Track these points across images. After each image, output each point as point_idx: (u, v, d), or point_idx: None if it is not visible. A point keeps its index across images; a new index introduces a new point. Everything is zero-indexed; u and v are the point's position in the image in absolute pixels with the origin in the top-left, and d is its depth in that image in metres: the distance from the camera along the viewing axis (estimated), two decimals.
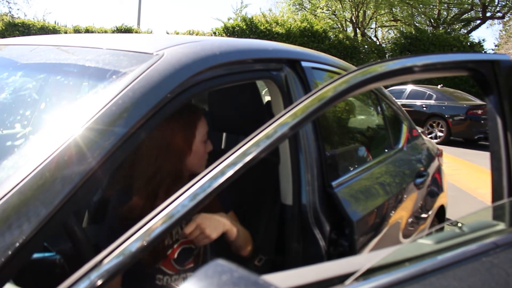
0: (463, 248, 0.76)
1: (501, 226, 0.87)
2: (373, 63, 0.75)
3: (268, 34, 15.92)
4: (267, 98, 2.47)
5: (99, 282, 0.51)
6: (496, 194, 0.95)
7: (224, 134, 2.28)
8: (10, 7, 31.41)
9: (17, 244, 0.66)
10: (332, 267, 0.66)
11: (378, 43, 20.56)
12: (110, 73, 0.94)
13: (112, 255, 0.53)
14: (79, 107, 0.93)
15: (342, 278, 0.62)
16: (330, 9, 20.42)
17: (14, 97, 1.15)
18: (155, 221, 0.56)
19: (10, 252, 0.65)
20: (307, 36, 16.01)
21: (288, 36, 15.67)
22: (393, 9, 20.50)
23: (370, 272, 0.64)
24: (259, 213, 1.48)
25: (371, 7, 19.85)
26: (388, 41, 20.78)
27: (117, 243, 0.54)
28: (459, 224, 0.86)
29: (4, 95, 1.15)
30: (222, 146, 2.26)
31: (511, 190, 0.92)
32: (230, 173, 0.60)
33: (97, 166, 0.75)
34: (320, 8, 20.25)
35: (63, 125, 0.84)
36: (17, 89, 1.15)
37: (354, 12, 20.02)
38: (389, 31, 22.78)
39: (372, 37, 21.53)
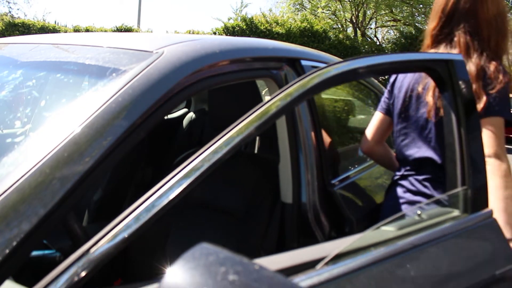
0: (422, 233, 0.85)
1: (455, 212, 0.96)
2: (332, 64, 0.78)
3: (268, 34, 15.91)
4: (267, 98, 2.47)
5: (83, 274, 0.55)
6: (451, 183, 1.00)
7: None
8: (10, 7, 31.44)
9: (16, 242, 0.66)
10: (304, 253, 0.72)
11: (378, 43, 20.55)
12: (110, 71, 0.94)
13: (97, 246, 0.57)
14: (79, 105, 0.93)
15: (313, 263, 0.69)
16: (330, 9, 20.40)
17: (14, 95, 1.15)
18: (138, 212, 0.60)
19: (9, 250, 0.65)
20: (307, 36, 15.99)
21: (288, 36, 15.65)
22: (393, 9, 20.48)
23: (339, 257, 0.71)
24: (260, 212, 1.48)
25: (371, 7, 19.83)
26: (388, 41, 20.76)
27: (101, 234, 0.58)
28: (418, 212, 0.93)
29: (4, 93, 1.15)
30: None
31: (463, 179, 0.97)
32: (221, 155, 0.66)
33: (97, 163, 0.75)
34: (321, 8, 20.22)
35: (63, 123, 0.84)
36: (17, 87, 1.15)
37: (354, 12, 20.00)
38: (389, 31, 22.77)
39: (372, 37, 21.53)
